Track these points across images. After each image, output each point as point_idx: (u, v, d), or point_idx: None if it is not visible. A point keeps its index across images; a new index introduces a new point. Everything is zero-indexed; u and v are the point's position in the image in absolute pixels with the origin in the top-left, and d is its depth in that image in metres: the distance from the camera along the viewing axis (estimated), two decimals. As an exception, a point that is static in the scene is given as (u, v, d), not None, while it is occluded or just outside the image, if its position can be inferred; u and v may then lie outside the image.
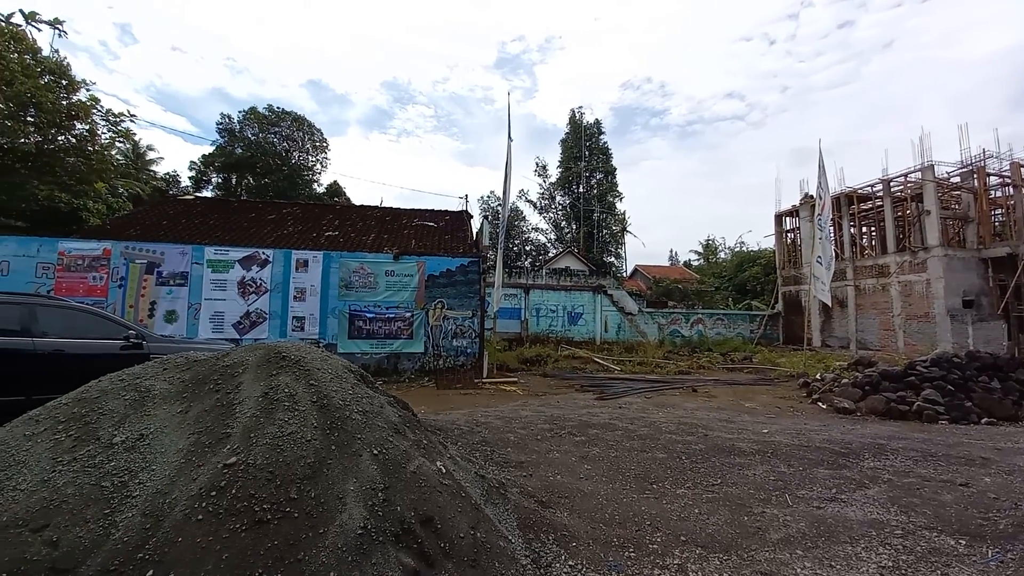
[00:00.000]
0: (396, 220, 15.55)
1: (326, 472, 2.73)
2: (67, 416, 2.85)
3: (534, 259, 39.43)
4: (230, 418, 2.84)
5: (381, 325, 10.49)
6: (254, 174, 35.26)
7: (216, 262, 10.27)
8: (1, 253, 9.67)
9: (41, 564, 2.05)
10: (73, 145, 15.58)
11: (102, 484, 2.38)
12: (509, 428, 5.89)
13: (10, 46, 13.44)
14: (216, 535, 2.19)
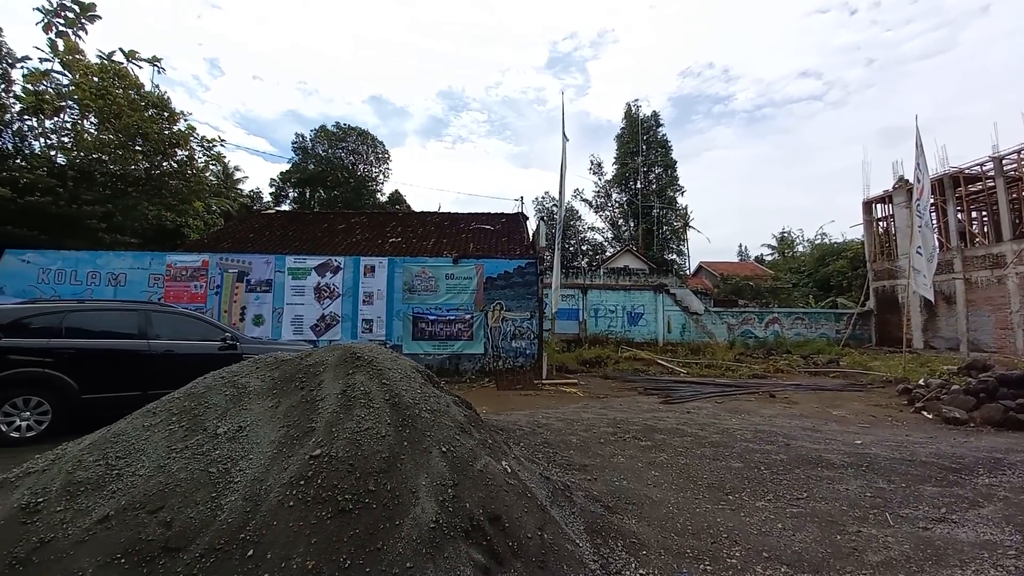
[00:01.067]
0: (454, 224, 16.00)
1: (399, 467, 2.86)
2: (179, 409, 3.22)
3: (591, 259, 38.79)
4: (314, 413, 3.06)
5: (442, 327, 10.85)
6: (325, 187, 37.98)
7: (295, 270, 11.19)
8: (120, 266, 11.21)
9: (155, 544, 2.33)
10: (175, 169, 17.72)
11: (209, 470, 2.66)
12: (571, 430, 5.82)
13: (115, 82, 15.53)
14: (306, 520, 2.37)
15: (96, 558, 2.21)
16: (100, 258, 11.34)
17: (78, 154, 15.26)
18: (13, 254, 11.15)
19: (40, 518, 2.51)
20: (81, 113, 15.39)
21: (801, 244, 42.30)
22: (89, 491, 2.57)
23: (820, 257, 30.55)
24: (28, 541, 2.38)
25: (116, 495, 2.53)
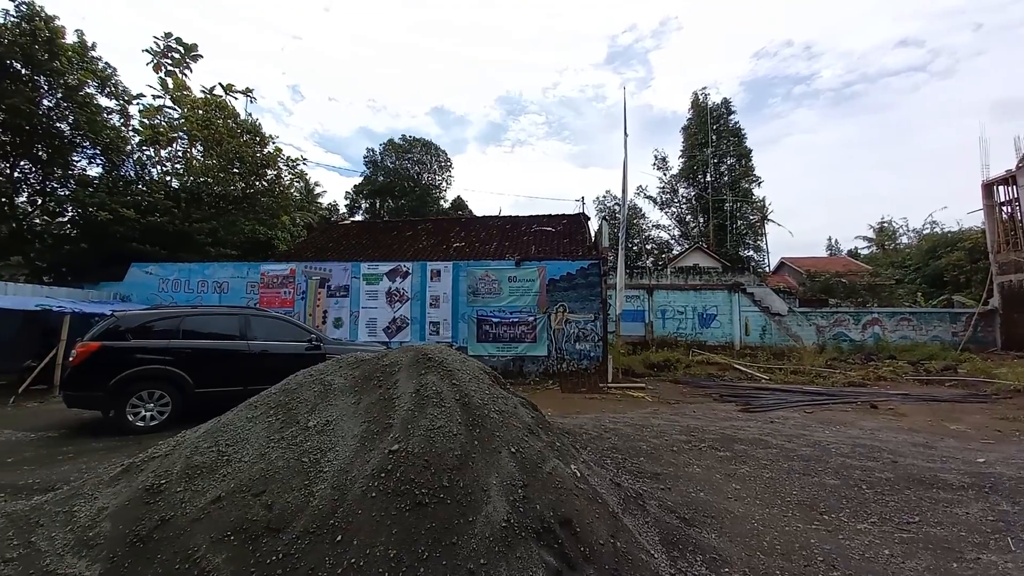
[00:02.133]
0: (515, 227, 16.16)
1: (471, 465, 2.92)
2: (275, 403, 3.55)
3: (656, 258, 37.27)
4: (391, 410, 3.23)
5: (506, 329, 10.98)
6: (393, 197, 40.17)
7: (369, 275, 11.94)
8: (223, 276, 12.65)
9: (260, 524, 2.58)
10: (266, 188, 19.67)
11: (302, 460, 2.90)
12: (640, 436, 5.62)
13: (216, 113, 17.57)
14: (387, 511, 2.50)
15: (210, 535, 2.50)
16: (207, 269, 12.88)
17: (188, 178, 17.49)
18: (138, 267, 13.01)
19: (162, 498, 2.89)
20: (190, 142, 17.65)
21: (905, 235, 37.54)
22: (204, 474, 2.91)
23: (930, 249, 26.81)
24: (150, 519, 2.74)
25: (226, 479, 2.84)
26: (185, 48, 18.11)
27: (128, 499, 2.86)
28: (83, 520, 2.88)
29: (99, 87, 15.23)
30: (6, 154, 13.79)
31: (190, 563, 2.36)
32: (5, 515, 3.20)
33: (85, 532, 2.76)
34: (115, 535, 2.63)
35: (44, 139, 13.97)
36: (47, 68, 13.09)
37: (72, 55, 13.81)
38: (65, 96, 13.93)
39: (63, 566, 2.55)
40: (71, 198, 14.77)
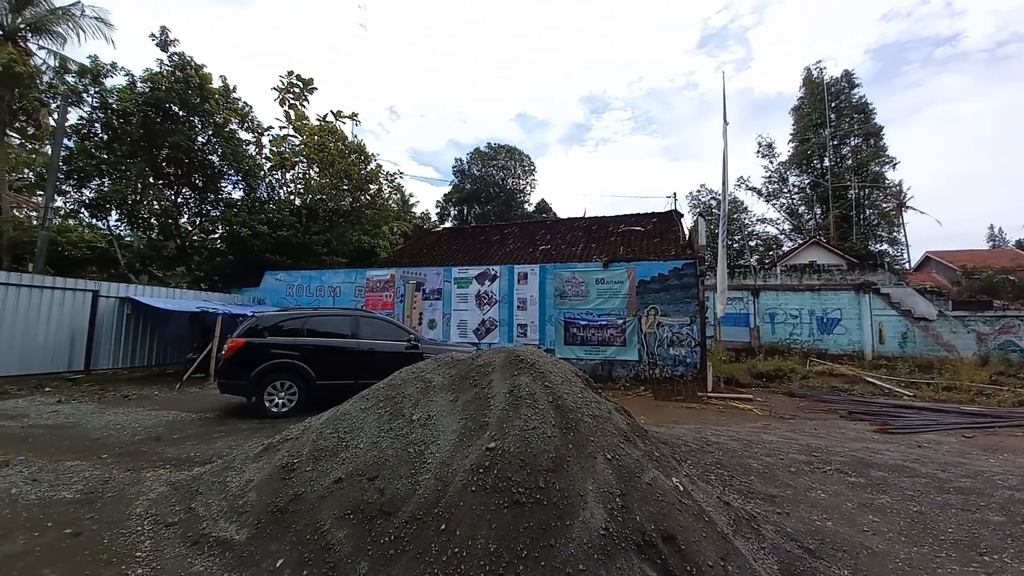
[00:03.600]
0: (602, 228, 15.78)
1: (566, 469, 2.89)
2: (383, 397, 3.86)
3: (762, 255, 33.76)
4: (487, 409, 3.32)
5: (594, 332, 10.74)
6: (479, 203, 41.73)
7: (460, 279, 12.52)
8: (336, 281, 14.16)
9: (374, 506, 2.80)
10: (369, 201, 21.63)
11: (408, 450, 3.11)
12: (750, 453, 5.11)
13: (329, 138, 19.70)
14: (486, 506, 2.57)
15: (334, 512, 2.78)
16: (324, 275, 14.52)
17: (307, 196, 19.92)
18: (270, 275, 15.08)
19: (295, 475, 3.28)
20: (308, 165, 20.09)
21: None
22: (328, 457, 3.26)
23: None
24: (286, 493, 3.13)
25: (345, 462, 3.15)
26: (303, 83, 20.70)
27: (269, 474, 3.31)
28: (234, 490, 3.39)
29: (239, 123, 18.08)
30: (170, 183, 16.99)
31: (318, 535, 2.65)
32: (170, 484, 3.89)
33: (235, 500, 3.25)
34: (259, 504, 3.06)
35: (199, 170, 16.94)
36: (199, 110, 15.85)
37: (218, 97, 16.56)
38: (214, 132, 16.75)
39: (217, 529, 3.03)
40: (220, 218, 17.71)
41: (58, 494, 3.69)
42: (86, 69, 15.13)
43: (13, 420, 6.17)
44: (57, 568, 2.58)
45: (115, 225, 17.50)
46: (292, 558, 2.58)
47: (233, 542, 2.82)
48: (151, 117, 15.04)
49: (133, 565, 2.66)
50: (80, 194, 16.19)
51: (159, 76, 15.21)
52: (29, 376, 9.00)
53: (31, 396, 7.93)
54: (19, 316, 8.92)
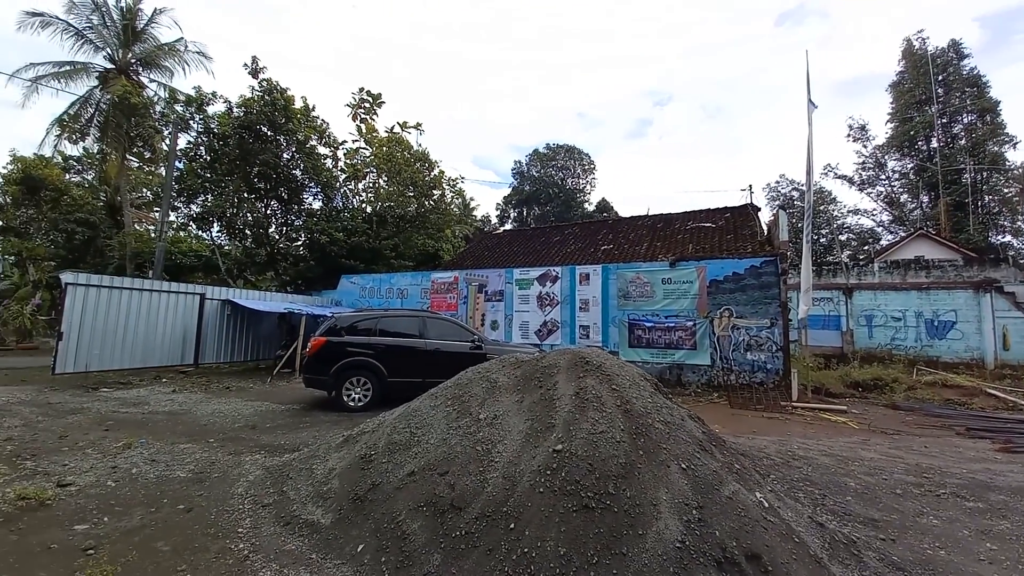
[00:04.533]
0: (668, 226, 15.09)
1: (637, 476, 2.78)
2: (451, 395, 3.96)
3: (856, 250, 30.39)
4: (552, 411, 3.30)
5: (661, 334, 10.28)
6: (539, 204, 41.78)
7: (521, 280, 12.60)
8: (403, 284, 14.87)
9: (445, 500, 2.88)
10: (433, 206, 22.47)
11: (476, 448, 3.17)
12: (845, 470, 4.61)
13: (396, 148, 20.72)
14: (555, 508, 2.54)
15: (408, 503, 2.90)
16: (393, 278, 15.32)
17: (377, 204, 21.12)
18: (346, 278, 16.18)
19: (372, 466, 3.47)
20: (377, 174, 21.30)
21: None
22: (401, 450, 3.41)
23: None
24: (365, 483, 3.31)
25: (417, 456, 3.28)
26: (373, 98, 22.01)
27: (349, 464, 3.54)
28: (319, 476, 3.66)
29: (318, 138, 19.63)
30: (261, 197, 18.82)
31: (394, 524, 2.78)
32: (265, 468, 4.28)
33: (321, 486, 3.51)
34: (341, 492, 3.27)
35: (285, 183, 18.62)
36: (284, 129, 17.43)
37: (300, 116, 18.09)
38: (297, 149, 18.34)
39: (305, 512, 3.28)
40: (303, 227, 19.33)
41: (173, 473, 4.20)
42: (192, 99, 17.25)
43: (136, 407, 7.15)
44: (170, 541, 2.93)
45: (216, 235, 19.76)
46: (371, 545, 2.72)
47: (320, 525, 3.03)
48: (245, 138, 16.79)
49: (236, 540, 2.95)
50: (188, 209, 18.49)
51: (251, 101, 16.94)
52: (149, 369, 10.39)
53: (151, 386, 9.15)
54: (142, 316, 10.34)
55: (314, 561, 2.70)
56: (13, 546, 2.75)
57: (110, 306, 9.63)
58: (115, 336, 9.69)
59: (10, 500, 3.36)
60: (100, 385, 8.82)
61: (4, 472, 3.94)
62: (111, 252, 19.94)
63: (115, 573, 2.47)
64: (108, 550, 2.76)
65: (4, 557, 2.62)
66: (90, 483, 3.85)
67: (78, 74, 17.57)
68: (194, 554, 2.76)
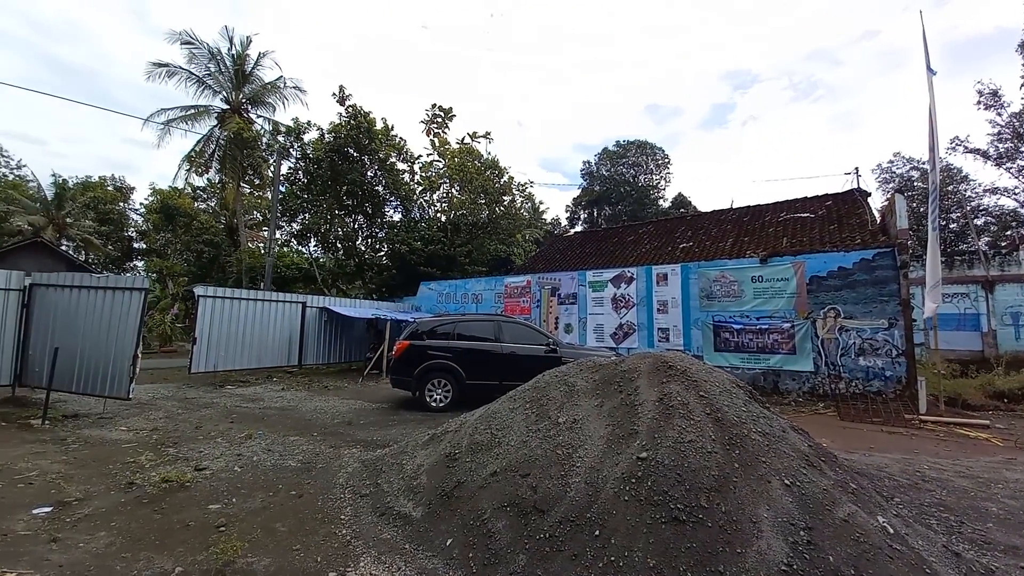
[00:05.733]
0: (757, 219, 13.88)
1: (732, 490, 2.59)
2: (530, 399, 3.99)
3: (996, 236, 25.64)
4: (635, 417, 3.18)
5: (751, 337, 9.43)
6: (610, 204, 40.73)
7: (594, 283, 12.36)
8: (477, 288, 15.32)
9: (528, 501, 2.90)
10: (504, 212, 22.92)
11: (556, 452, 3.15)
12: (987, 494, 3.90)
13: (467, 158, 21.46)
14: (641, 519, 2.45)
15: (492, 502, 2.97)
16: (468, 284, 15.86)
17: (451, 213, 22.05)
18: (424, 284, 17.06)
19: (457, 464, 3.60)
20: (450, 184, 22.23)
21: None
22: (484, 450, 3.50)
23: None
24: (451, 480, 3.44)
25: (499, 458, 3.35)
26: (444, 112, 23.07)
27: (436, 461, 3.71)
28: (409, 471, 3.88)
29: (397, 155, 21.02)
30: (349, 212, 20.58)
31: (480, 522, 2.86)
32: (361, 462, 4.63)
33: (411, 481, 3.72)
34: (430, 487, 3.44)
35: (369, 199, 20.17)
36: (368, 149, 18.91)
37: (381, 137, 19.52)
38: (379, 167, 19.81)
39: (398, 504, 3.49)
40: (385, 238, 20.78)
41: (285, 462, 4.70)
42: (291, 129, 19.37)
43: (253, 403, 8.13)
44: (286, 523, 3.28)
45: (313, 249, 21.91)
46: (459, 540, 2.83)
47: (411, 517, 3.21)
48: (335, 161, 18.48)
49: (339, 526, 3.23)
50: (290, 227, 20.74)
51: (339, 127, 18.64)
52: (262, 369, 11.76)
53: (264, 384, 10.35)
54: (256, 323, 11.76)
55: (407, 551, 2.86)
56: (157, 524, 3.24)
57: (232, 314, 11.09)
58: (236, 340, 11.13)
59: (155, 483, 3.97)
60: (225, 383, 10.18)
61: (151, 458, 4.68)
62: (230, 267, 22.97)
63: (243, 549, 2.82)
64: (237, 528, 3.16)
65: (149, 533, 3.08)
66: (221, 468, 4.44)
67: (200, 115, 20.55)
68: (305, 536, 3.06)
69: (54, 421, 6.12)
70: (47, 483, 3.89)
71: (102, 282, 7.43)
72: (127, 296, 7.02)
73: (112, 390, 6.79)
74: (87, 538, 2.95)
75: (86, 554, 2.74)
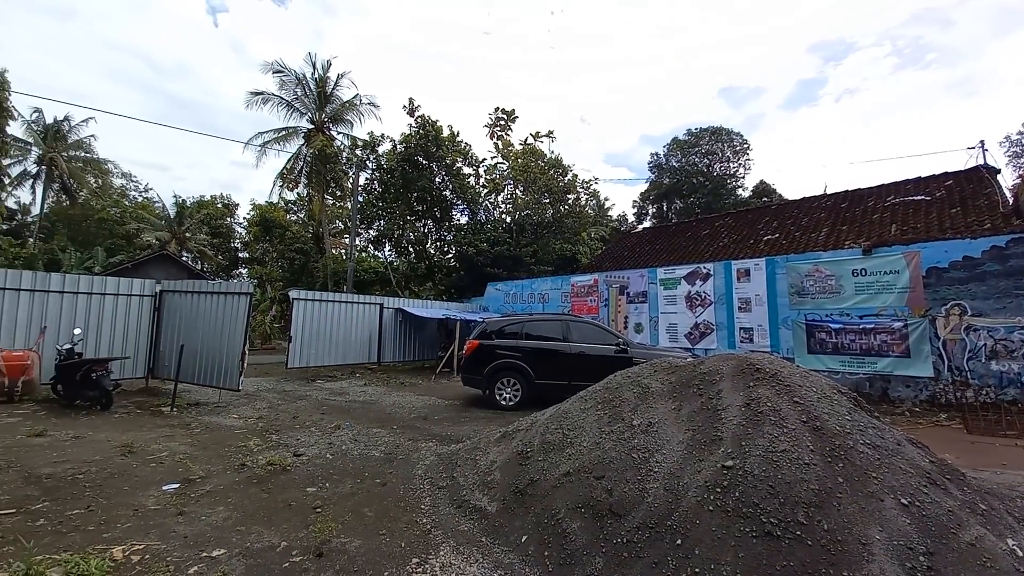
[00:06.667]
0: (857, 204, 12.39)
1: (836, 507, 2.35)
2: (601, 399, 3.91)
3: None
4: (718, 422, 2.99)
5: (854, 338, 8.40)
6: (680, 197, 38.65)
7: (666, 280, 11.78)
8: (543, 288, 15.31)
9: (604, 504, 2.83)
10: (568, 211, 22.70)
11: (632, 455, 3.05)
12: None
13: (530, 158, 21.52)
14: (728, 531, 2.29)
15: (566, 503, 2.95)
16: (534, 284, 15.92)
17: (516, 214, 22.27)
18: (491, 285, 17.39)
19: (529, 463, 3.62)
20: (515, 186, 22.46)
21: None
22: (555, 450, 3.49)
23: None
24: (524, 478, 3.47)
25: (571, 458, 3.32)
26: (507, 115, 23.36)
27: (508, 458, 3.77)
28: (482, 467, 3.98)
29: (463, 160, 21.69)
30: (419, 217, 21.59)
31: (554, 521, 2.86)
32: (438, 455, 4.82)
33: (484, 476, 3.81)
34: (503, 483, 3.50)
35: (438, 204, 21.03)
36: (435, 156, 19.73)
37: (448, 143, 20.27)
38: (447, 172, 20.58)
39: (473, 498, 3.59)
40: (452, 241, 21.52)
41: (370, 452, 5.04)
42: (367, 143, 20.77)
43: (340, 396, 8.80)
44: (373, 509, 3.51)
45: (388, 254, 23.28)
46: (534, 537, 2.84)
47: (486, 512, 3.29)
48: (406, 169, 19.51)
49: (420, 515, 3.39)
50: (368, 234, 22.21)
51: (409, 137, 19.65)
52: (346, 365, 12.71)
53: (348, 379, 11.18)
54: (340, 323, 12.74)
55: (484, 544, 2.93)
56: (264, 502, 3.62)
57: (321, 315, 12.12)
58: (324, 338, 12.15)
59: (262, 465, 4.44)
60: (316, 377, 11.15)
61: (258, 443, 5.24)
62: (317, 272, 25.13)
63: (336, 530, 3.07)
64: (331, 510, 3.44)
65: (258, 510, 3.45)
66: (315, 455, 4.87)
67: (290, 136, 22.75)
68: (390, 522, 3.26)
69: (180, 408, 7.10)
70: (175, 463, 4.52)
71: (215, 288, 8.50)
72: (235, 300, 7.95)
73: (225, 382, 7.73)
74: (208, 512, 3.38)
75: (207, 527, 3.14)
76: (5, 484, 3.74)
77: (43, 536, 2.87)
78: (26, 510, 3.27)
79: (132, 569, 2.55)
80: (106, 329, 8.29)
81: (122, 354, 8.26)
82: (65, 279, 8.06)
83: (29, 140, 26.63)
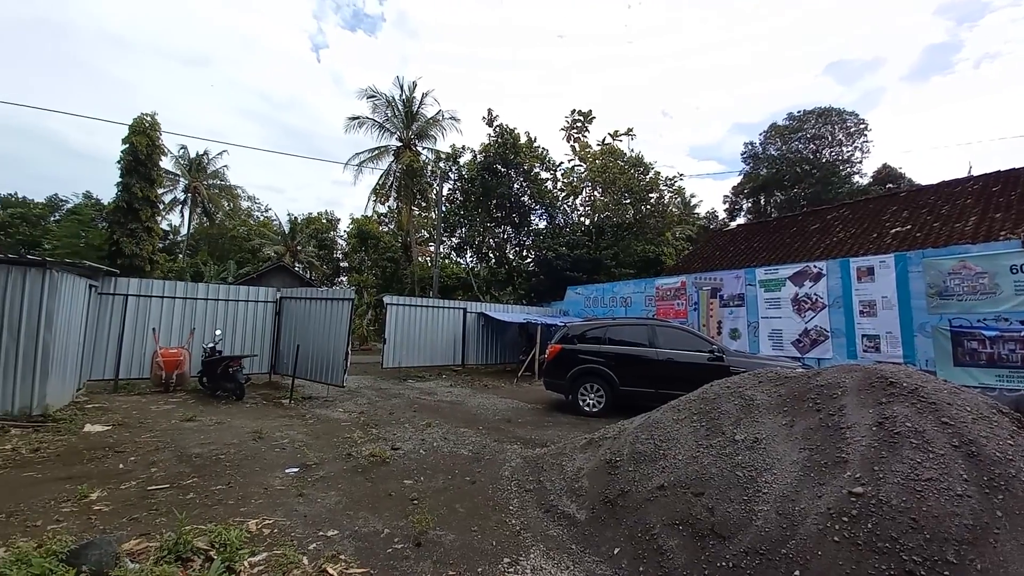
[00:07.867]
0: (1012, 187, 10.23)
1: (993, 544, 1.96)
2: (697, 410, 3.66)
3: None
4: (841, 442, 2.64)
5: (1015, 347, 6.89)
6: (781, 188, 35.02)
7: (767, 281, 10.71)
8: (626, 292, 14.77)
9: (704, 523, 2.64)
10: (651, 210, 21.73)
11: (736, 472, 2.81)
12: None
13: (609, 158, 20.93)
14: (860, 567, 2.01)
15: (662, 518, 2.80)
16: (615, 287, 15.46)
17: (595, 216, 21.85)
18: (571, 289, 17.20)
19: (618, 473, 3.50)
20: (593, 188, 22.05)
21: None
22: (647, 462, 3.34)
23: None
24: (613, 488, 3.36)
25: (665, 471, 3.15)
26: (584, 116, 23.06)
27: (596, 466, 3.68)
28: (569, 473, 3.94)
29: (540, 165, 21.84)
30: (498, 223, 22.12)
31: (648, 536, 2.73)
32: (523, 458, 4.85)
33: (572, 483, 3.76)
34: (592, 491, 3.43)
35: (516, 210, 21.39)
36: (513, 163, 20.11)
37: (525, 150, 20.57)
38: (524, 178, 20.88)
39: (561, 504, 3.56)
40: (532, 245, 21.73)
41: (459, 451, 5.24)
42: (449, 155, 21.83)
43: (429, 396, 9.29)
44: (464, 505, 3.63)
45: (469, 260, 24.18)
46: (627, 551, 2.74)
47: (575, 519, 3.25)
48: (486, 178, 20.15)
49: (509, 515, 3.45)
50: (451, 241, 23.29)
51: (488, 146, 20.30)
52: (433, 366, 13.40)
53: (435, 380, 11.76)
54: (427, 326, 13.48)
55: (575, 552, 2.89)
56: (368, 490, 3.93)
57: (411, 319, 12.95)
58: (415, 341, 12.96)
59: (365, 456, 4.82)
60: (407, 377, 11.90)
61: (361, 436, 5.71)
62: (406, 279, 26.91)
63: (433, 521, 3.23)
64: (427, 502, 3.64)
65: (364, 497, 3.75)
66: (410, 450, 5.19)
67: (382, 154, 24.72)
68: (481, 519, 3.35)
69: (297, 401, 8.00)
70: (295, 449, 5.09)
71: (323, 294, 9.48)
72: (339, 305, 8.80)
73: (332, 379, 8.58)
74: (322, 495, 3.76)
75: (322, 508, 3.49)
76: (163, 462, 4.50)
77: (193, 508, 3.38)
78: (178, 485, 3.90)
79: (264, 540, 2.91)
80: (239, 330, 9.66)
81: (252, 352, 9.55)
82: (208, 288, 9.56)
83: (177, 172, 32.16)
